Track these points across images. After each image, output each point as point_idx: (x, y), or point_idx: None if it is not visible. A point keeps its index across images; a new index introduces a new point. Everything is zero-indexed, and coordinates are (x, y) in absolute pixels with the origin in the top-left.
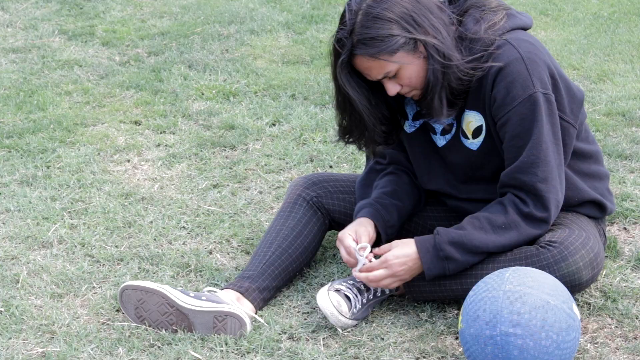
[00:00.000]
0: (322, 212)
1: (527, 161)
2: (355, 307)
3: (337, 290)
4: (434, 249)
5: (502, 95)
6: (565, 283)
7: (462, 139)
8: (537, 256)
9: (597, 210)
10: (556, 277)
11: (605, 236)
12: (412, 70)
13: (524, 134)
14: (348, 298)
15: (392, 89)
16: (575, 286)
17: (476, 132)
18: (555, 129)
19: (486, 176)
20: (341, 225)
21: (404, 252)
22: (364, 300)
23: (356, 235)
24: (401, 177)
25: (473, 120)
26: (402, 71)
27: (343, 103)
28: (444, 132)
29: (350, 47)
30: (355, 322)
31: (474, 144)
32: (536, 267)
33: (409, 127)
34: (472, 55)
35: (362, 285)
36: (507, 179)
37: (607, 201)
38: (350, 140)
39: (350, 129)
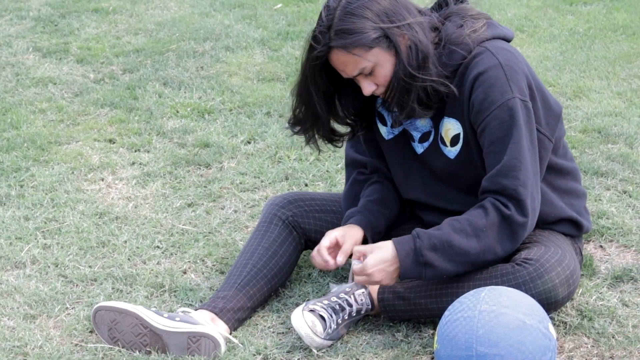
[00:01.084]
0: (298, 231)
1: (509, 165)
2: (330, 327)
3: (312, 311)
4: (414, 253)
5: (480, 100)
6: (541, 301)
7: (441, 146)
8: (512, 274)
9: (573, 228)
10: (532, 294)
11: (581, 254)
12: (387, 68)
13: (503, 139)
14: (323, 318)
15: (368, 87)
16: (551, 304)
17: (454, 140)
18: (533, 136)
19: (463, 187)
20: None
21: (382, 257)
22: (339, 320)
23: (343, 239)
24: (386, 185)
25: (451, 128)
26: (377, 68)
27: (304, 95)
28: (422, 139)
29: (327, 42)
30: (330, 342)
31: (451, 152)
32: (512, 285)
33: (387, 133)
34: (451, 61)
35: (337, 305)
36: (489, 183)
37: (584, 219)
38: (299, 131)
39: (304, 120)
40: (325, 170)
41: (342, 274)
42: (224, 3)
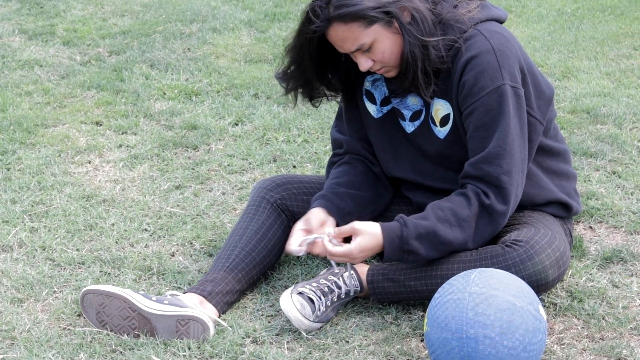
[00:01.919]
0: (286, 214)
1: (493, 152)
2: (319, 310)
3: (301, 293)
4: (400, 241)
5: (470, 84)
6: (531, 283)
7: (432, 125)
8: (502, 255)
9: (562, 210)
10: (522, 276)
11: (571, 235)
12: (386, 45)
13: (489, 125)
14: (312, 301)
15: (365, 63)
16: (541, 285)
17: (444, 120)
18: (522, 123)
19: (453, 166)
20: None
21: (368, 245)
22: (328, 303)
23: (306, 224)
24: (356, 166)
25: (441, 108)
26: (376, 45)
27: (296, 58)
28: (413, 118)
29: (326, 16)
30: (319, 324)
31: (441, 132)
32: (502, 267)
33: (376, 112)
34: (445, 40)
35: (325, 288)
36: (471, 169)
37: (574, 201)
38: (288, 87)
39: (291, 78)
40: (313, 152)
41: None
42: None
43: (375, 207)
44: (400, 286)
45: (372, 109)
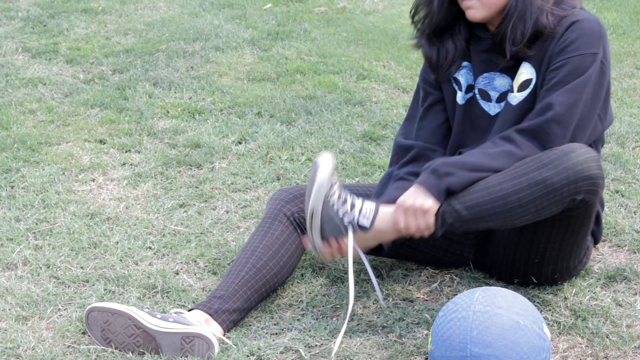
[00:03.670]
0: (302, 228)
1: (559, 112)
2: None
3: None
4: (432, 174)
5: (568, 42)
6: (576, 173)
7: (509, 95)
8: (546, 155)
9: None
10: (567, 167)
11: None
12: None
13: (566, 84)
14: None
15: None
16: (586, 178)
17: (523, 85)
18: (598, 97)
19: None
20: None
21: (405, 194)
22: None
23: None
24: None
25: (525, 72)
26: None
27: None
28: (499, 99)
29: None
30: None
31: (516, 98)
32: (545, 164)
33: (461, 98)
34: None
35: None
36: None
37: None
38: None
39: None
40: None
41: (335, 274)
42: (213, 3)
43: None
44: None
45: (458, 95)
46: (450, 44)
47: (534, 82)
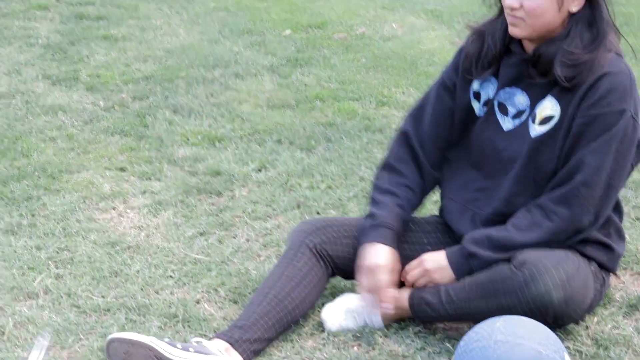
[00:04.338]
0: (326, 260)
1: (586, 174)
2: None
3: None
4: (459, 250)
5: (598, 96)
6: (538, 306)
7: (530, 123)
8: (511, 279)
9: (602, 250)
10: (526, 300)
11: (603, 280)
12: (545, 3)
13: (596, 142)
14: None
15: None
16: (545, 308)
17: (545, 121)
18: (627, 154)
19: (536, 180)
20: (344, 272)
21: (434, 256)
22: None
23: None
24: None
25: (549, 107)
26: None
27: None
28: (515, 116)
29: None
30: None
31: (536, 130)
32: (509, 290)
33: (479, 110)
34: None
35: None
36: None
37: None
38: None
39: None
40: (337, 198)
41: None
42: (232, 30)
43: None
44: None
45: (476, 106)
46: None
47: (556, 119)
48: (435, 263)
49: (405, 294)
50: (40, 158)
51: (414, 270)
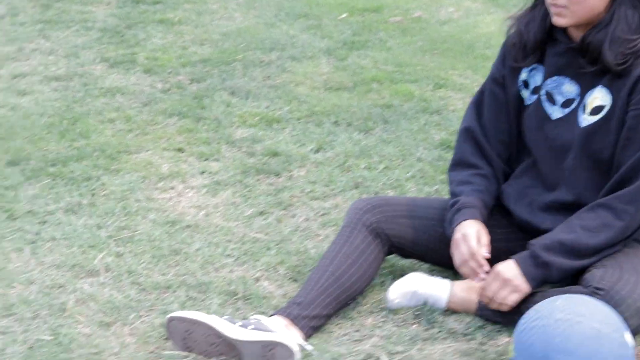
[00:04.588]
0: (382, 238)
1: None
2: None
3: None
4: (531, 258)
5: None
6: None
7: (579, 112)
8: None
9: None
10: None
11: None
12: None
13: None
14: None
15: None
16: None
17: (595, 111)
18: None
19: (593, 167)
20: (402, 251)
21: (505, 265)
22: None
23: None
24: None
25: (600, 97)
26: None
27: None
28: (564, 105)
29: None
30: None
31: (586, 120)
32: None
33: (528, 99)
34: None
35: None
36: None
37: None
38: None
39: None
40: (395, 178)
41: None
42: (288, 13)
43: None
44: None
45: (525, 95)
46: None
47: (606, 109)
48: (511, 272)
49: (474, 297)
50: (99, 139)
51: (491, 284)
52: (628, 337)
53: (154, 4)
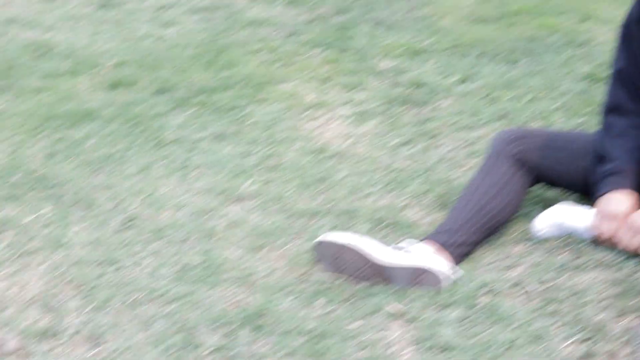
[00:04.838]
0: (526, 167)
1: None
2: None
3: None
4: None
5: None
6: None
7: None
8: None
9: None
10: None
11: None
12: None
13: None
14: None
15: None
16: None
17: None
18: None
19: None
20: (548, 180)
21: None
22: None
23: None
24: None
25: None
26: None
27: None
28: None
29: None
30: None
31: None
32: None
33: None
34: None
35: None
36: None
37: None
38: None
39: None
40: (540, 110)
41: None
42: None
43: None
44: None
45: None
46: None
47: None
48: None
49: None
50: (244, 70)
51: (626, 233)
52: None
53: None
